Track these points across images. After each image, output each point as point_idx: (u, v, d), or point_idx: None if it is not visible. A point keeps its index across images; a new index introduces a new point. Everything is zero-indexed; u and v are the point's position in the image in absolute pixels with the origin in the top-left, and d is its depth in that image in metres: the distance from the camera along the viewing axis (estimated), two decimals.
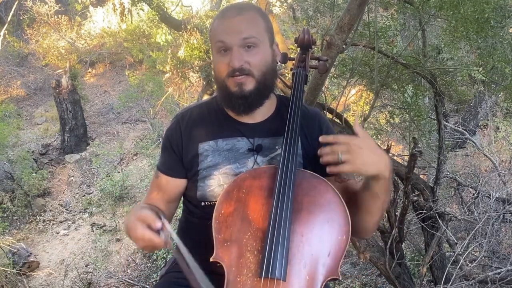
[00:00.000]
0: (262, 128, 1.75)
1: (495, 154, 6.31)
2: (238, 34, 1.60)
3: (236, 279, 1.45)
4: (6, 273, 6.23)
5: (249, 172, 1.61)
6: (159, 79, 10.76)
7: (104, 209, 8.90)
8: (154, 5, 7.26)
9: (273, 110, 1.79)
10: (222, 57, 1.63)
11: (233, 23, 1.63)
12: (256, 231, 1.49)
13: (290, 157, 1.56)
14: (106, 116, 12.41)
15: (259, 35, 1.64)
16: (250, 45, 1.61)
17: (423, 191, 3.97)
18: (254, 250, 1.47)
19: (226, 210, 1.53)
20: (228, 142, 1.73)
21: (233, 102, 1.66)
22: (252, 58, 1.61)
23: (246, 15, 1.65)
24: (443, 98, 4.05)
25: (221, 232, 1.50)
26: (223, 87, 1.66)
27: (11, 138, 10.46)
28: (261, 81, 1.64)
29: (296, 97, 1.71)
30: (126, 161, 10.54)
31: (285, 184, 1.51)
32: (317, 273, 1.46)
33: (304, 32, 1.85)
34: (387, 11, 4.53)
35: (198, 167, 1.72)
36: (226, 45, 1.61)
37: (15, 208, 8.76)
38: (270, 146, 1.73)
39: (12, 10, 8.68)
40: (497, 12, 3.24)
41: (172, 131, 1.80)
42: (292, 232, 1.47)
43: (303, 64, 1.83)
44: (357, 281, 5.49)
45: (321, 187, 1.57)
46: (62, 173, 10.32)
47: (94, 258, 7.47)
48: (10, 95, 13.01)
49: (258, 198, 1.54)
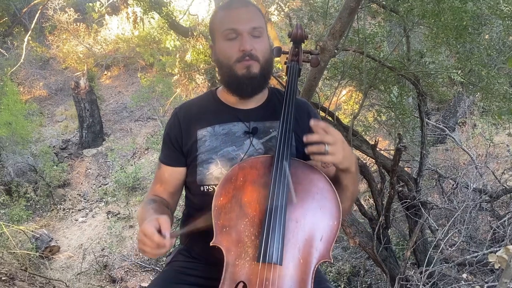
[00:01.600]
0: (257, 113, 1.74)
1: (473, 148, 6.31)
2: (248, 22, 1.61)
3: (235, 262, 1.43)
4: (30, 256, 6.23)
5: (246, 161, 1.57)
6: (168, 80, 10.76)
7: (119, 198, 8.91)
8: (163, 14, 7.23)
9: (265, 98, 1.78)
10: (231, 43, 1.62)
11: (241, 13, 1.64)
12: (253, 217, 1.47)
13: (285, 147, 1.53)
14: (120, 114, 12.40)
15: (263, 26, 1.66)
16: (257, 35, 1.62)
17: (407, 182, 3.97)
18: (252, 236, 1.45)
19: (224, 197, 1.50)
20: (225, 127, 1.71)
21: (241, 84, 1.64)
22: (258, 46, 1.62)
23: (252, 8, 1.67)
24: (425, 98, 4.05)
25: (220, 218, 1.48)
26: (230, 72, 1.64)
27: (34, 134, 10.45)
28: (265, 67, 1.65)
29: (290, 88, 1.68)
30: (139, 155, 10.54)
31: (281, 173, 1.48)
32: (311, 257, 1.45)
33: (297, 27, 1.81)
34: (374, 19, 4.52)
35: (197, 152, 1.69)
36: (236, 32, 1.61)
37: (38, 197, 8.77)
38: (265, 129, 1.71)
39: (35, 18, 8.67)
40: (474, 20, 3.24)
41: (171, 125, 1.78)
42: (287, 219, 1.45)
43: (296, 58, 1.79)
44: (347, 264, 5.50)
45: (314, 176, 1.55)
46: (80, 166, 10.33)
47: (109, 243, 7.49)
48: (34, 95, 13.00)
49: (255, 186, 1.51)
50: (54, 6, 13.29)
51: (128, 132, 11.54)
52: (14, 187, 8.66)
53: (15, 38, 13.23)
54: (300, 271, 1.43)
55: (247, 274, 1.41)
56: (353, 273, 5.41)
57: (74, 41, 13.74)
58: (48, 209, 8.74)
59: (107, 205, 8.89)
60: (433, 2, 3.17)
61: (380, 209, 3.69)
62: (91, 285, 6.53)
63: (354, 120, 4.13)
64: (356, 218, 3.77)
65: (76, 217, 8.63)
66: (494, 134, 7.21)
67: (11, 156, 8.93)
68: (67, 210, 8.83)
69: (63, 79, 13.69)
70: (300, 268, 1.43)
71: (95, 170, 10.20)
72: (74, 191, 9.54)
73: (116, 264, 7.00)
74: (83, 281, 6.59)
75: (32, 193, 8.78)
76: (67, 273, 6.84)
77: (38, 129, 11.02)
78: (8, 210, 7.89)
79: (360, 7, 3.32)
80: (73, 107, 11.35)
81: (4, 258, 5.74)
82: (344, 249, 5.72)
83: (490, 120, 6.37)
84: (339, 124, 4.03)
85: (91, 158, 10.53)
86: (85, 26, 13.97)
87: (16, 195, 8.53)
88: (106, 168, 10.24)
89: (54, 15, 13.34)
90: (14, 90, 9.85)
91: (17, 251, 5.88)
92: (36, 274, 5.90)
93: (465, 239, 4.05)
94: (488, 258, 1.78)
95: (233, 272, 1.42)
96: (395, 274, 3.54)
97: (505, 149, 6.66)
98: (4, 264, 5.52)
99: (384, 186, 3.79)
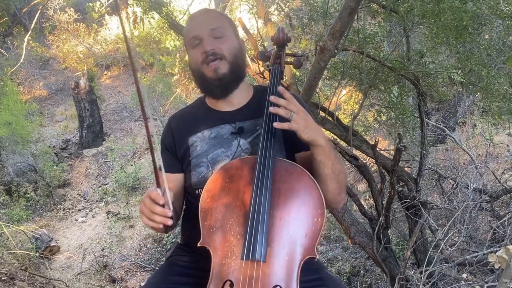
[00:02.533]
0: (241, 113, 1.78)
1: (473, 148, 6.32)
2: (206, 25, 1.70)
3: (222, 261, 1.45)
4: (30, 256, 6.24)
5: (231, 163, 1.61)
6: (168, 80, 10.77)
7: (119, 198, 8.92)
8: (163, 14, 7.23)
9: (250, 97, 1.83)
10: (195, 49, 1.71)
11: (200, 19, 1.75)
12: (239, 217, 1.49)
13: (268, 147, 1.57)
14: (120, 114, 12.41)
15: (224, 26, 1.73)
16: (218, 35, 1.69)
17: (407, 182, 3.97)
18: (237, 235, 1.47)
19: (210, 198, 1.54)
20: (213, 131, 1.76)
21: (211, 87, 1.72)
22: (221, 45, 1.68)
23: (211, 13, 1.79)
24: (425, 98, 4.04)
25: (206, 219, 1.51)
26: (200, 75, 1.72)
27: (34, 134, 10.47)
28: (234, 62, 1.70)
29: (272, 89, 1.71)
30: (138, 155, 10.54)
31: (263, 173, 1.51)
32: (296, 253, 1.46)
33: (279, 31, 1.86)
34: (374, 19, 4.51)
35: (190, 157, 1.75)
36: (197, 37, 1.69)
37: (38, 197, 8.78)
38: (251, 127, 1.74)
39: (35, 18, 8.63)
40: (474, 20, 3.23)
41: (164, 134, 1.86)
42: (271, 217, 1.47)
43: (278, 61, 1.84)
44: (347, 264, 5.51)
45: (296, 174, 1.57)
46: (80, 166, 10.33)
47: (109, 243, 7.49)
48: (34, 95, 13.01)
49: (240, 187, 1.54)
50: (54, 6, 13.30)
51: (128, 132, 11.55)
52: (14, 187, 8.67)
53: (15, 38, 13.23)
54: (285, 268, 1.44)
55: (234, 272, 1.43)
56: (353, 273, 5.41)
57: (74, 41, 13.75)
58: (48, 209, 8.75)
59: (107, 205, 8.90)
60: (433, 2, 3.16)
61: (380, 209, 3.69)
62: (91, 285, 6.54)
63: (354, 120, 4.13)
64: (356, 218, 3.76)
65: (76, 217, 8.64)
66: (494, 134, 7.22)
67: (11, 156, 8.94)
68: (67, 210, 8.83)
69: (63, 79, 13.70)
70: (286, 264, 1.44)
71: (95, 170, 10.21)
72: (74, 191, 9.55)
73: (116, 264, 7.01)
74: (83, 281, 6.60)
75: (32, 193, 8.79)
76: (67, 273, 6.84)
77: (38, 129, 11.03)
78: (8, 210, 7.90)
79: (360, 7, 3.32)
80: (73, 107, 11.36)
81: (4, 258, 5.75)
82: (344, 249, 5.73)
83: (490, 120, 6.36)
84: (339, 124, 4.02)
85: (91, 158, 10.53)
86: (85, 26, 13.98)
87: (16, 195, 8.54)
88: (106, 168, 10.25)
89: (54, 15, 13.34)
90: (14, 90, 9.86)
91: (17, 251, 5.88)
92: (36, 274, 5.90)
93: (465, 239, 4.05)
94: (488, 258, 1.78)
95: (220, 271, 1.44)
96: (395, 274, 3.54)
97: (505, 149, 6.67)
98: (4, 264, 5.52)
99: (384, 186, 3.78)
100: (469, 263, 3.41)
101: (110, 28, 14.16)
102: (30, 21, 12.81)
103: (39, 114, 11.97)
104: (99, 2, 13.77)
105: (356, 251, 5.52)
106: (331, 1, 4.32)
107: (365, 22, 4.01)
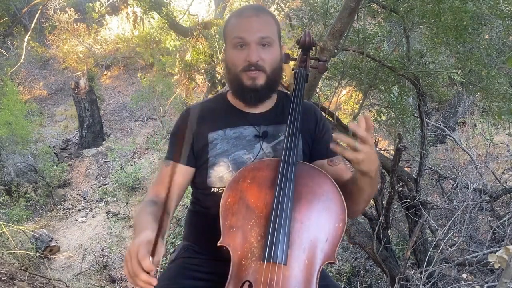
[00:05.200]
0: (266, 117, 1.75)
1: (473, 148, 6.31)
2: (256, 32, 1.62)
3: (241, 262, 1.44)
4: (30, 256, 6.24)
5: (253, 164, 1.60)
6: (168, 80, 10.76)
7: (119, 198, 8.92)
8: (163, 14, 7.25)
9: (274, 102, 1.80)
10: (238, 52, 1.64)
11: (251, 22, 1.64)
12: (260, 218, 1.48)
13: (291, 151, 1.56)
14: (120, 114, 12.41)
15: (273, 36, 1.66)
16: (265, 44, 1.63)
17: (407, 182, 3.97)
18: (258, 236, 1.46)
19: (232, 198, 1.52)
20: (236, 131, 1.72)
21: (246, 94, 1.67)
22: (266, 56, 1.63)
23: (263, 17, 1.67)
24: (425, 98, 4.04)
25: (227, 219, 1.50)
26: (237, 80, 1.66)
27: (34, 134, 10.46)
28: (271, 77, 1.66)
29: (297, 93, 1.71)
30: (138, 155, 10.54)
31: (287, 175, 1.50)
32: (316, 258, 1.45)
33: (305, 35, 1.84)
34: (374, 19, 4.51)
35: (208, 155, 1.70)
36: (244, 41, 1.62)
37: (38, 197, 8.78)
38: (274, 133, 1.73)
39: (35, 18, 8.65)
40: (474, 20, 3.23)
41: (183, 122, 1.78)
42: (293, 220, 1.46)
43: (304, 64, 1.83)
44: (347, 264, 5.50)
45: (319, 178, 1.56)
46: (80, 166, 10.33)
47: (109, 243, 7.49)
48: (34, 95, 13.01)
49: (262, 188, 1.53)
50: (54, 6, 13.30)
51: (128, 132, 11.55)
52: (14, 187, 8.66)
53: (15, 38, 13.22)
54: (305, 272, 1.44)
55: (253, 273, 1.42)
56: (353, 273, 5.40)
57: (74, 41, 13.75)
58: (48, 209, 8.75)
59: (107, 205, 8.90)
60: (433, 2, 3.16)
61: (380, 209, 3.69)
62: (91, 285, 6.54)
63: (354, 120, 4.13)
64: (356, 218, 3.76)
65: (76, 217, 8.64)
66: (494, 134, 7.21)
67: (11, 156, 8.94)
68: (67, 210, 8.83)
69: (63, 79, 13.70)
70: (305, 268, 1.44)
71: (95, 170, 10.21)
72: (74, 191, 9.55)
73: (116, 264, 7.01)
74: (83, 281, 6.60)
75: (32, 193, 8.79)
76: (67, 273, 6.84)
77: (38, 129, 11.03)
78: (8, 210, 7.90)
79: (360, 7, 3.32)
80: (73, 107, 11.36)
81: (4, 258, 5.74)
82: (344, 249, 5.72)
83: (490, 120, 6.37)
84: (339, 124, 4.02)
85: (91, 158, 10.53)
86: (85, 26, 13.98)
87: (16, 195, 8.54)
88: (106, 168, 10.25)
89: (54, 15, 13.34)
90: (14, 90, 9.85)
91: (17, 251, 5.88)
92: (36, 274, 5.89)
93: (465, 239, 4.04)
94: (488, 258, 1.78)
95: (239, 272, 1.44)
96: (395, 274, 3.54)
97: (505, 149, 6.66)
98: (4, 264, 5.51)
99: (384, 186, 3.78)
100: (469, 263, 3.40)
101: (110, 28, 14.15)
102: (30, 21, 12.80)
103: (39, 114, 11.97)
104: (99, 2, 13.77)
105: (356, 251, 5.52)
106: (331, 1, 4.31)
107: (365, 22, 4.01)
